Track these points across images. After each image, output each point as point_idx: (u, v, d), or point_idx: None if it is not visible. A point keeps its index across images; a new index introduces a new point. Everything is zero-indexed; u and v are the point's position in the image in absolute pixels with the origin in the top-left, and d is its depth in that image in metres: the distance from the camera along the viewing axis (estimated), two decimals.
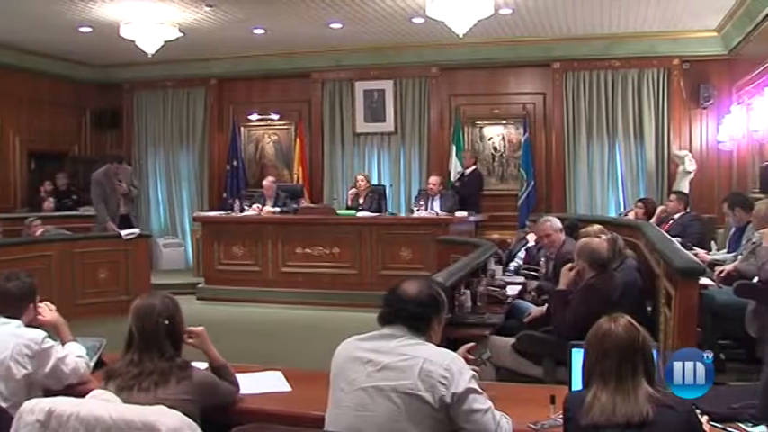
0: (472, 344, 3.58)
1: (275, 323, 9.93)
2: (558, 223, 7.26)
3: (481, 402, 2.91)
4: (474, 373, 3.01)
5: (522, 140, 12.77)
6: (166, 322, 3.31)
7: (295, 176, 13.88)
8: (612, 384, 2.67)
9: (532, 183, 12.56)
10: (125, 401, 2.94)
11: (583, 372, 2.84)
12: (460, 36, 10.06)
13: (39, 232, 10.47)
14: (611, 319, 2.80)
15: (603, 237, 6.22)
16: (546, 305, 5.94)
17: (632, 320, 2.82)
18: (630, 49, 12.18)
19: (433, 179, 11.75)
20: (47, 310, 3.95)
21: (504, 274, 8.22)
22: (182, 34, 11.24)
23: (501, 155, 13.24)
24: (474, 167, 12.61)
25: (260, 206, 11.78)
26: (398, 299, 3.10)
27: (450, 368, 2.90)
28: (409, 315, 3.05)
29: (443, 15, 9.80)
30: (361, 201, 11.71)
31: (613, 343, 2.72)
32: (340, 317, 9.86)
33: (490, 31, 11.36)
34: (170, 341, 3.30)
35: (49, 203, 13.09)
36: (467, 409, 2.87)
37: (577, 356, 3.12)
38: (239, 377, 3.60)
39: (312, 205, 12.45)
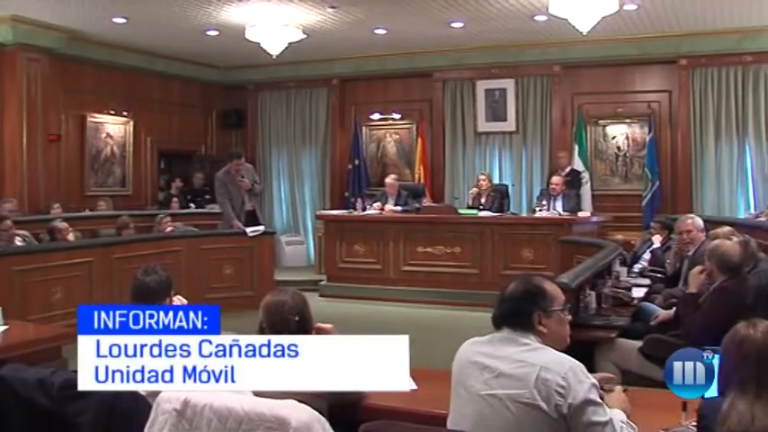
0: (611, 375, 3.46)
1: (397, 321, 9.93)
2: (700, 222, 7.06)
3: (601, 415, 2.77)
4: (595, 382, 2.85)
5: (647, 140, 12.46)
6: (296, 318, 3.36)
7: (416, 175, 13.95)
8: (752, 393, 2.55)
9: (657, 183, 12.24)
10: (256, 395, 2.99)
11: (719, 378, 2.74)
12: (584, 33, 9.94)
13: (168, 229, 10.85)
14: (750, 325, 2.68)
15: (735, 239, 6.02)
16: (674, 308, 5.79)
17: None
18: (764, 44, 11.65)
19: (556, 179, 11.53)
20: (180, 304, 4.08)
21: (628, 276, 8.06)
22: (305, 35, 11.43)
23: (625, 154, 12.97)
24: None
25: (381, 205, 11.86)
26: (500, 300, 3.06)
27: (568, 377, 2.77)
28: (508, 314, 3.00)
29: (567, 13, 9.68)
30: (482, 200, 11.62)
31: (753, 349, 2.60)
32: (461, 316, 9.85)
33: (614, 27, 11.12)
34: None
35: (175, 202, 13.53)
36: (585, 422, 2.74)
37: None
38: None
39: (434, 204, 12.47)
